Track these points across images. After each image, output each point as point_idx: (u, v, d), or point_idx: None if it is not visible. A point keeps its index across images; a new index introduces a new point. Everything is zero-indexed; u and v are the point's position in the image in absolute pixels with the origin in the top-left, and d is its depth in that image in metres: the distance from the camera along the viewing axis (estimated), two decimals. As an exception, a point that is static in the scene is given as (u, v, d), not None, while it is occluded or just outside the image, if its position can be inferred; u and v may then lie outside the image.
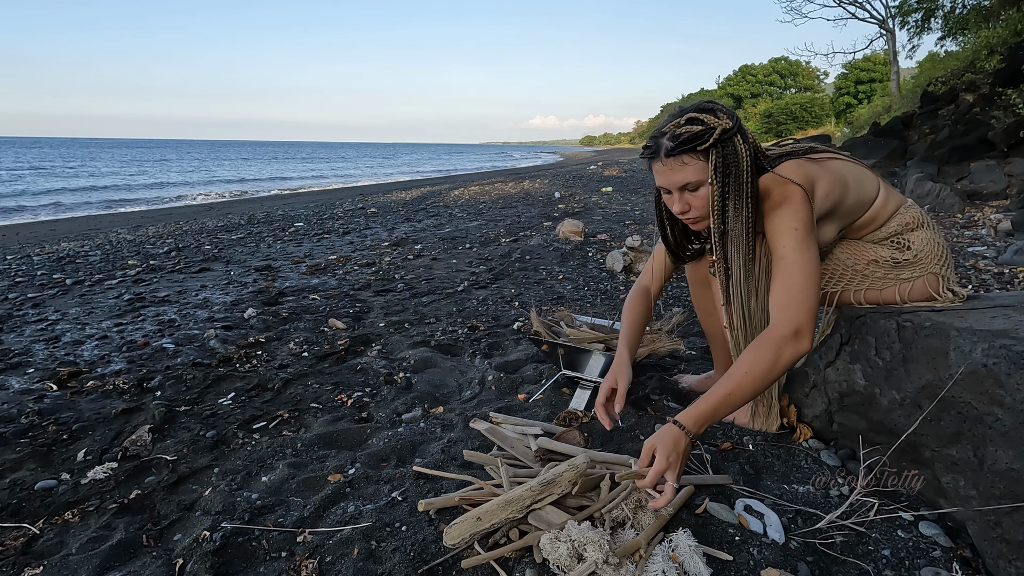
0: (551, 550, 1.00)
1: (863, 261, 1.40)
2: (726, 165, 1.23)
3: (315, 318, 2.78)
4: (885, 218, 1.40)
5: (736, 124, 1.24)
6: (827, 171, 1.30)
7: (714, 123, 1.22)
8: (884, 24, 17.97)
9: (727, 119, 1.24)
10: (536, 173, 17.68)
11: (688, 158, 1.24)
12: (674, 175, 1.26)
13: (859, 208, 1.37)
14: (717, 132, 1.21)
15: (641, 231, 5.22)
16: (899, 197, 1.43)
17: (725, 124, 1.23)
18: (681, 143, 1.23)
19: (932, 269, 1.37)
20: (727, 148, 1.23)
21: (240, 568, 1.12)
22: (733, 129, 1.23)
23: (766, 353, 1.16)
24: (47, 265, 4.47)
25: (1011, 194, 6.05)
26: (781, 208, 1.24)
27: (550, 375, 1.96)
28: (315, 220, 7.13)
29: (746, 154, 1.24)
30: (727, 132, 1.22)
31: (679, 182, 1.27)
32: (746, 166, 1.24)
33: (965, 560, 1.07)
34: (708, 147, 1.22)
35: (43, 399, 1.89)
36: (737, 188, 1.25)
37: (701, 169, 1.25)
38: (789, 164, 1.28)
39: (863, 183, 1.37)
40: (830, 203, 1.30)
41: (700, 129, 1.22)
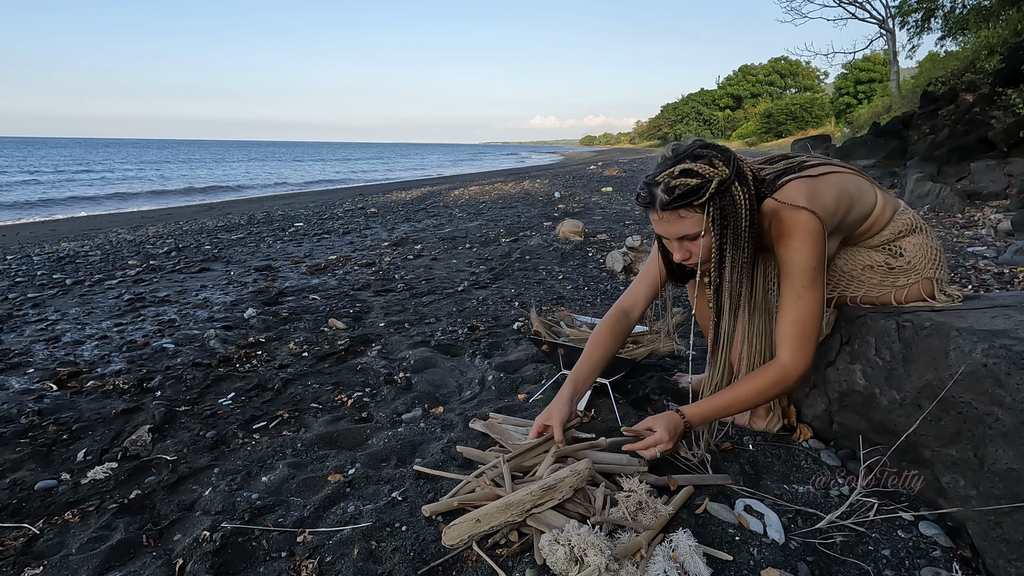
0: (549, 552, 1.00)
1: (858, 267, 1.41)
2: (724, 217, 1.20)
3: (315, 318, 2.78)
4: (883, 225, 1.39)
5: (733, 171, 1.18)
6: (830, 187, 1.27)
7: (710, 174, 1.17)
8: (884, 24, 17.97)
9: (723, 166, 1.18)
10: (536, 173, 17.68)
11: (685, 212, 1.19)
12: (671, 227, 1.23)
13: (860, 219, 1.36)
14: (714, 185, 1.16)
15: (641, 231, 5.22)
16: (894, 202, 1.43)
17: (722, 174, 1.17)
18: (676, 198, 1.18)
19: (926, 274, 1.37)
20: (724, 199, 1.18)
21: (240, 568, 1.12)
22: (730, 179, 1.18)
23: (775, 384, 1.25)
24: (47, 265, 4.47)
25: (1011, 194, 6.05)
26: (796, 240, 1.21)
27: (550, 375, 1.96)
28: (315, 220, 7.13)
29: (744, 200, 1.20)
30: (724, 183, 1.17)
31: (676, 234, 1.24)
32: (744, 213, 1.21)
33: (965, 560, 1.07)
34: (705, 201, 1.18)
35: (43, 399, 1.89)
36: (735, 238, 1.22)
37: (698, 222, 1.20)
38: (792, 186, 1.24)
39: (864, 194, 1.35)
40: (836, 220, 1.29)
41: (696, 183, 1.16)
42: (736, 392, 1.27)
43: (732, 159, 1.21)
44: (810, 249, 1.20)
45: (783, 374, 1.24)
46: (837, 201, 1.27)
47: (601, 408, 1.70)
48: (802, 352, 1.23)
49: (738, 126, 53.80)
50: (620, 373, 1.76)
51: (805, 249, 1.20)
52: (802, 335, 1.23)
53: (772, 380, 1.25)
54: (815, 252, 1.20)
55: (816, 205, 1.21)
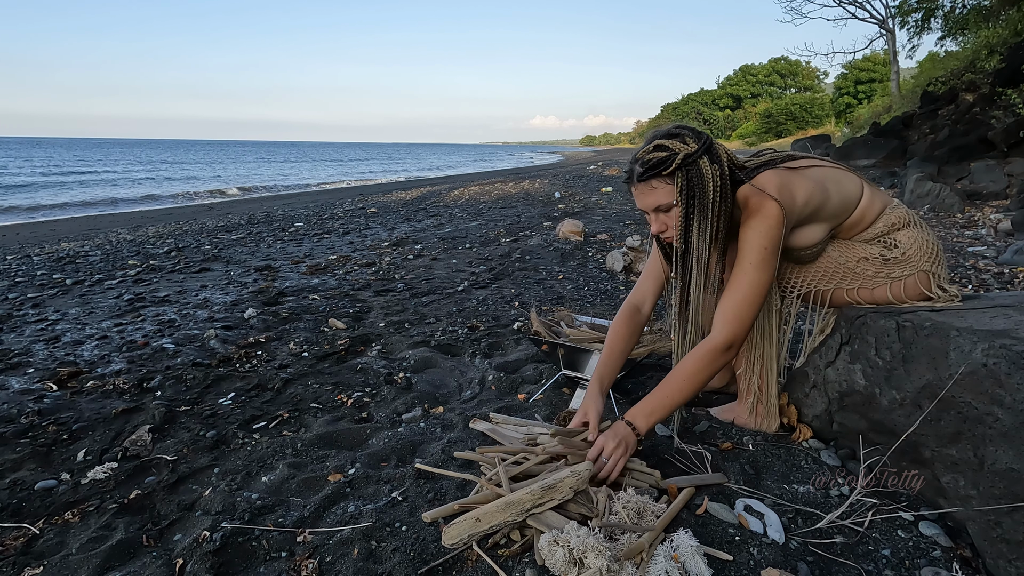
0: (549, 553, 1.00)
1: (854, 259, 1.43)
2: (690, 187, 1.29)
3: (315, 318, 2.78)
4: (872, 218, 1.43)
5: (702, 147, 1.29)
6: (805, 178, 1.35)
7: (678, 148, 1.28)
8: (884, 24, 17.97)
9: (693, 143, 1.29)
10: (536, 173, 17.68)
11: (656, 182, 1.31)
12: (646, 198, 1.35)
13: (844, 210, 1.41)
14: (680, 157, 1.28)
15: (641, 231, 5.22)
16: (884, 198, 1.47)
17: (688, 149, 1.28)
18: (648, 169, 1.30)
19: (922, 267, 1.38)
20: (691, 171, 1.29)
21: (240, 568, 1.12)
22: (697, 152, 1.28)
23: (702, 361, 1.30)
24: (47, 265, 4.47)
25: (1011, 194, 6.04)
26: (755, 220, 1.29)
27: (550, 375, 1.96)
28: (315, 220, 7.13)
29: (713, 174, 1.29)
30: (690, 156, 1.28)
31: (651, 204, 1.34)
32: (713, 186, 1.29)
33: (965, 560, 1.07)
34: (672, 171, 1.29)
35: (43, 399, 1.89)
36: (702, 208, 1.30)
37: (669, 192, 1.31)
38: (766, 174, 1.33)
39: (844, 185, 1.41)
40: (810, 209, 1.35)
41: (664, 155, 1.29)
42: (671, 382, 1.32)
43: (704, 139, 1.31)
44: (765, 231, 1.28)
45: (710, 348, 1.29)
46: (809, 193, 1.34)
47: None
48: (731, 326, 1.29)
49: (738, 126, 53.83)
50: (620, 373, 1.76)
51: (761, 229, 1.28)
52: (737, 309, 1.29)
53: (701, 359, 1.30)
54: (770, 235, 1.28)
55: (783, 194, 1.29)
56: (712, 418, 1.61)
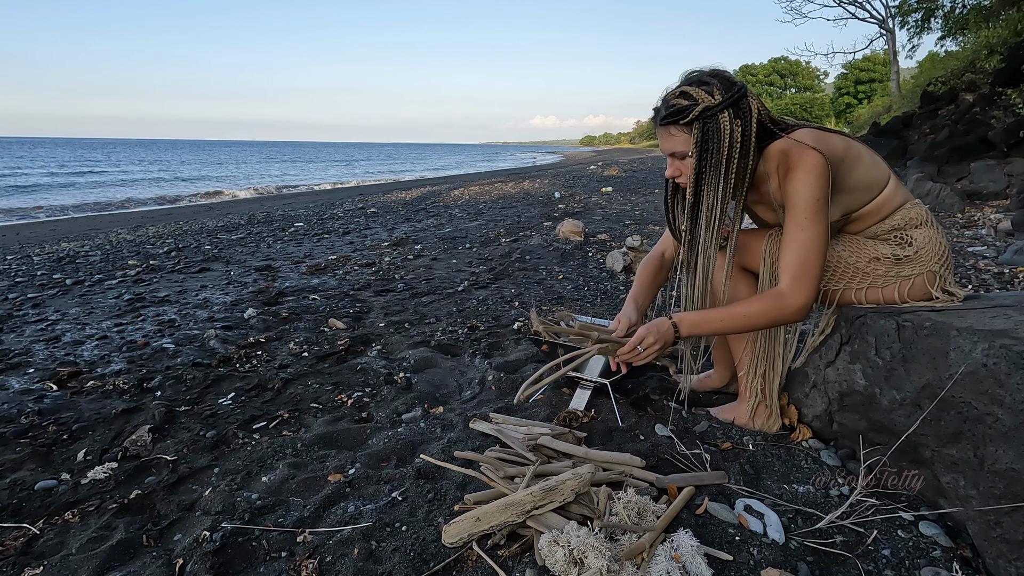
0: (549, 553, 1.00)
1: (865, 259, 1.40)
2: (705, 141, 1.29)
3: (315, 318, 2.78)
4: (890, 210, 1.39)
5: (726, 101, 1.27)
6: (840, 138, 1.34)
7: (701, 99, 1.27)
8: (884, 24, 17.97)
9: (719, 94, 1.27)
10: (536, 173, 17.68)
11: (675, 129, 1.32)
12: (664, 143, 1.36)
13: (867, 190, 1.37)
14: (698, 110, 1.27)
15: (641, 231, 5.22)
16: (906, 193, 1.43)
17: (709, 102, 1.26)
18: (667, 116, 1.31)
19: (931, 267, 1.36)
20: (708, 124, 1.28)
21: (240, 568, 1.12)
22: (718, 106, 1.26)
23: (771, 312, 1.29)
24: (47, 265, 4.47)
25: (1011, 194, 6.04)
26: (800, 172, 1.25)
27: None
28: (315, 220, 7.13)
29: (733, 129, 1.27)
30: (709, 110, 1.26)
31: (668, 149, 1.36)
32: (731, 141, 1.28)
33: (965, 560, 1.07)
34: (690, 122, 1.28)
35: (43, 399, 1.89)
36: (715, 163, 1.29)
37: (685, 141, 1.32)
38: (802, 131, 1.31)
39: (876, 165, 1.39)
40: (846, 167, 1.32)
41: (685, 104, 1.28)
42: (730, 309, 1.33)
43: (733, 92, 1.28)
44: (814, 182, 1.24)
45: (779, 300, 1.28)
46: (845, 150, 1.32)
47: (601, 408, 1.70)
48: (802, 283, 1.27)
49: (738, 126, 53.76)
50: (620, 373, 1.76)
51: (809, 181, 1.24)
52: (803, 267, 1.27)
53: (767, 304, 1.29)
54: (819, 185, 1.25)
55: (822, 146, 1.26)
56: (712, 418, 1.61)
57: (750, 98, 1.30)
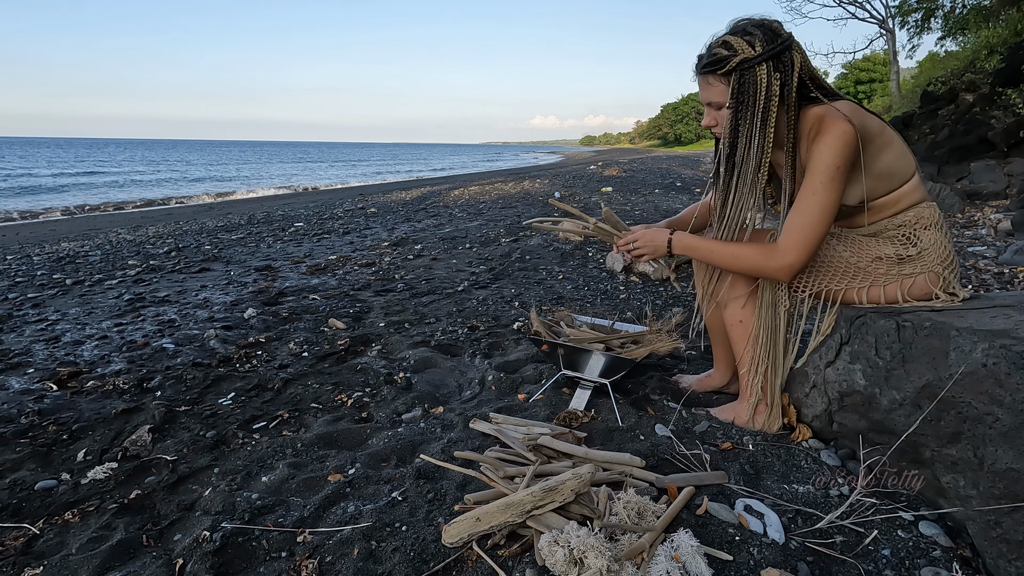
0: (549, 553, 1.00)
1: (867, 258, 1.40)
2: (742, 92, 1.29)
3: (315, 318, 2.78)
4: (906, 205, 1.38)
5: (766, 53, 1.26)
6: (878, 121, 1.33)
7: (741, 49, 1.27)
8: (884, 24, 17.96)
9: (760, 45, 1.26)
10: (536, 173, 17.68)
11: (712, 79, 1.33)
12: (703, 92, 1.37)
13: (889, 179, 1.36)
14: (736, 61, 1.27)
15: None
16: (924, 192, 1.42)
17: (749, 53, 1.26)
18: (706, 65, 1.32)
19: (934, 268, 1.36)
20: (746, 76, 1.28)
21: (240, 568, 1.12)
22: (757, 58, 1.26)
23: (758, 259, 1.35)
24: (47, 265, 4.47)
25: (1011, 194, 6.04)
26: (829, 137, 1.25)
27: (550, 375, 1.96)
28: (315, 220, 7.13)
29: (771, 83, 1.27)
30: (748, 61, 1.26)
31: (706, 99, 1.37)
32: (768, 95, 1.27)
33: (965, 560, 1.07)
34: (727, 72, 1.29)
35: (43, 399, 1.89)
36: (750, 116, 1.30)
37: (722, 92, 1.32)
38: (845, 102, 1.31)
39: (904, 156, 1.37)
40: (873, 150, 1.31)
41: (725, 55, 1.29)
42: (724, 244, 1.40)
43: (775, 45, 1.27)
44: (839, 149, 1.24)
45: (770, 251, 1.33)
46: (880, 131, 1.32)
47: (601, 408, 1.70)
48: (798, 243, 1.30)
49: (738, 126, 53.79)
50: (620, 373, 1.76)
51: (836, 147, 1.25)
52: (804, 229, 1.29)
53: (758, 252, 1.34)
54: (844, 153, 1.25)
55: (858, 120, 1.26)
56: (712, 418, 1.61)
57: (794, 51, 1.28)
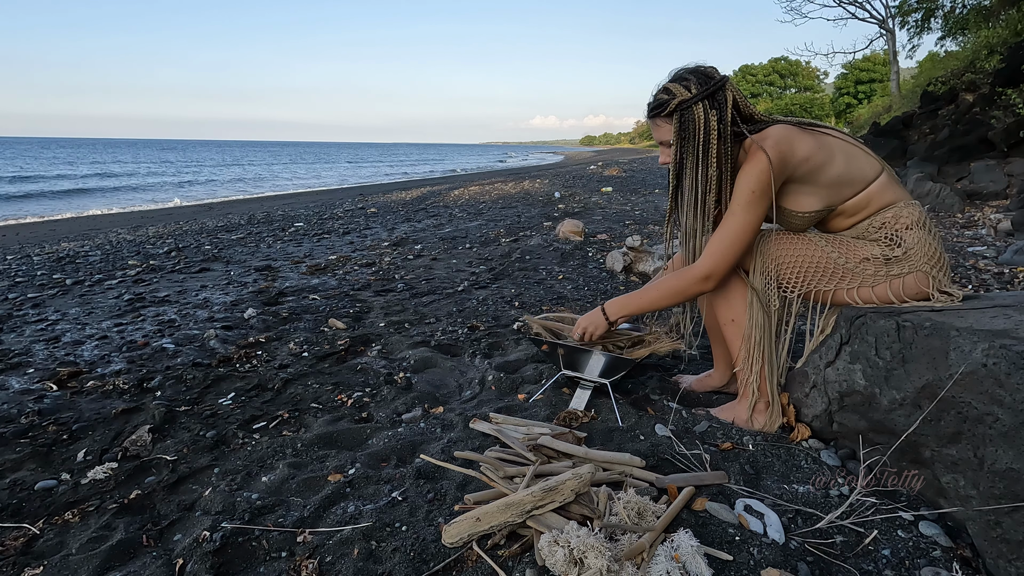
0: (549, 553, 1.00)
1: (855, 259, 1.43)
2: (683, 130, 1.44)
3: (315, 318, 2.78)
4: (880, 205, 1.44)
5: (701, 94, 1.41)
6: (811, 136, 1.41)
7: (677, 93, 1.43)
8: (884, 24, 17.97)
9: (695, 87, 1.41)
10: (536, 173, 17.68)
11: (660, 121, 1.49)
12: (654, 133, 1.53)
13: (848, 184, 1.43)
14: (674, 103, 1.43)
15: (641, 231, 5.22)
16: (901, 192, 1.45)
17: (684, 96, 1.42)
18: (650, 110, 1.50)
19: (922, 268, 1.38)
20: (685, 116, 1.43)
21: (240, 568, 1.12)
22: (693, 99, 1.41)
23: (680, 283, 1.49)
24: (47, 265, 4.47)
25: (1011, 194, 6.04)
26: (747, 166, 1.39)
27: (550, 375, 1.96)
28: (315, 220, 7.13)
29: (708, 120, 1.41)
30: (685, 103, 1.42)
31: (658, 139, 1.52)
32: (707, 131, 1.41)
33: (965, 560, 1.07)
34: (669, 114, 1.45)
35: (43, 399, 1.89)
36: (692, 150, 1.44)
37: (669, 131, 1.48)
38: (772, 128, 1.42)
39: (856, 161, 1.44)
40: (808, 167, 1.40)
41: (664, 99, 1.45)
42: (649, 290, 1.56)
43: (709, 87, 1.41)
44: (756, 175, 1.37)
45: (691, 274, 1.46)
46: (810, 151, 1.39)
47: (601, 408, 1.70)
48: (712, 258, 1.43)
49: (738, 126, 53.84)
50: (620, 373, 1.76)
51: (752, 174, 1.38)
52: (720, 245, 1.42)
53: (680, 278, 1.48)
54: (759, 179, 1.37)
55: (780, 146, 1.37)
56: (712, 418, 1.61)
57: (728, 90, 1.42)
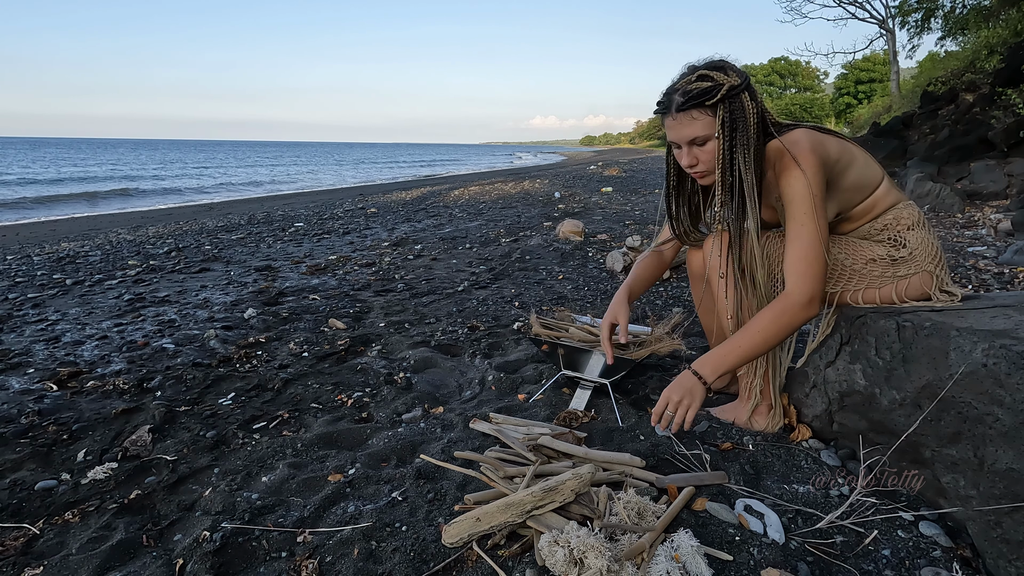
0: (549, 553, 1.00)
1: (861, 261, 1.41)
2: (733, 120, 1.29)
3: (315, 318, 2.78)
4: (882, 209, 1.43)
5: (744, 82, 1.30)
6: (834, 140, 1.36)
7: (723, 80, 1.28)
8: (884, 24, 17.96)
9: (736, 76, 1.29)
10: (536, 173, 17.68)
11: (697, 113, 1.30)
12: (684, 129, 1.32)
13: (860, 190, 1.40)
14: (725, 88, 1.27)
15: (641, 231, 5.22)
16: (899, 194, 1.46)
17: (733, 81, 1.28)
18: (691, 98, 1.28)
19: (926, 267, 1.38)
20: (734, 104, 1.29)
21: (240, 568, 1.12)
22: (741, 86, 1.29)
23: (782, 317, 1.28)
24: (47, 265, 4.47)
25: (1011, 194, 6.04)
26: (796, 171, 1.28)
27: (550, 375, 1.96)
28: (315, 220, 7.13)
29: (753, 112, 1.30)
30: (735, 89, 1.28)
31: (688, 136, 1.32)
32: (753, 123, 1.30)
33: (965, 560, 1.07)
34: (716, 102, 1.28)
35: (43, 399, 1.89)
36: (744, 142, 1.30)
37: (709, 124, 1.30)
38: (798, 131, 1.33)
39: (869, 166, 1.41)
40: (840, 168, 1.35)
41: (709, 85, 1.28)
42: (744, 334, 1.30)
43: (745, 76, 1.32)
44: (815, 180, 1.27)
45: (786, 301, 1.28)
46: (839, 152, 1.35)
47: (601, 408, 1.70)
48: (806, 279, 1.28)
49: (738, 126, 53.86)
50: (620, 373, 1.76)
51: (806, 181, 1.27)
52: (807, 262, 1.28)
53: (776, 310, 1.28)
54: (815, 181, 1.27)
55: (816, 148, 1.29)
56: (712, 418, 1.61)
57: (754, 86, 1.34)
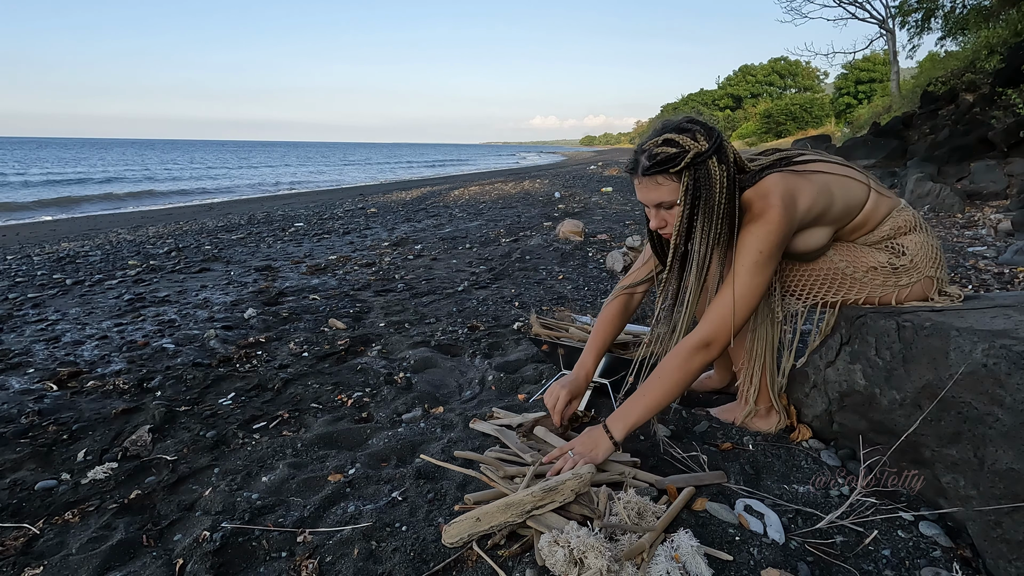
0: (549, 553, 1.00)
1: (862, 269, 1.40)
2: (696, 188, 1.24)
3: (315, 318, 2.78)
4: (877, 221, 1.40)
5: (713, 146, 1.24)
6: (810, 183, 1.30)
7: (689, 146, 1.23)
8: (884, 24, 17.96)
9: (704, 140, 1.24)
10: (536, 173, 17.69)
11: (662, 179, 1.25)
12: (649, 193, 1.29)
13: (848, 214, 1.38)
14: (689, 156, 1.22)
15: (641, 231, 5.23)
16: (891, 200, 1.43)
17: (699, 148, 1.23)
18: (655, 164, 1.24)
19: (927, 272, 1.37)
20: (699, 172, 1.24)
21: (240, 568, 1.12)
22: (707, 152, 1.23)
23: (677, 361, 1.27)
24: (47, 265, 4.47)
25: (1011, 194, 6.05)
26: (755, 225, 1.26)
27: (550, 375, 1.96)
28: (315, 220, 7.13)
29: (721, 176, 1.24)
30: (700, 156, 1.22)
31: (653, 200, 1.29)
32: (719, 189, 1.24)
33: (965, 560, 1.07)
34: (680, 170, 1.23)
35: (43, 399, 1.89)
36: (707, 211, 1.25)
37: (673, 190, 1.26)
38: (771, 178, 1.28)
39: (850, 190, 1.37)
40: (813, 215, 1.31)
41: (673, 152, 1.23)
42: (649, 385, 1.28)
43: (715, 137, 1.25)
44: (764, 236, 1.24)
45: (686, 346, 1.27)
46: (812, 199, 1.30)
47: (601, 408, 1.70)
48: (711, 325, 1.26)
49: (738, 126, 53.85)
50: (620, 373, 1.76)
51: (760, 234, 1.24)
52: (721, 310, 1.26)
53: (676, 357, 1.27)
54: (769, 239, 1.24)
55: (786, 201, 1.25)
56: (712, 418, 1.61)
57: (725, 140, 1.28)
